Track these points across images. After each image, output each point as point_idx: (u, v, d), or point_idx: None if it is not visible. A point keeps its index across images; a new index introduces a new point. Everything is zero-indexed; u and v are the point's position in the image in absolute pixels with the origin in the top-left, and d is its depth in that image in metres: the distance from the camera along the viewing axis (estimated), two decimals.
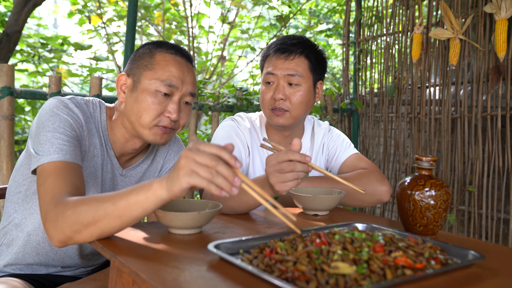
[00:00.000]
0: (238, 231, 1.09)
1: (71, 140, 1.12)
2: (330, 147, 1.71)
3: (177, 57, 1.24)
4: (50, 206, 0.97)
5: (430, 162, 1.12)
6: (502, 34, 2.46)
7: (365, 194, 1.49)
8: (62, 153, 1.07)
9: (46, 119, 1.12)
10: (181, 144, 1.48)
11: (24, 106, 4.11)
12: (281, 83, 1.56)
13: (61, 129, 1.11)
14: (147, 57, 1.23)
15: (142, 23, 5.18)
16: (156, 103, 1.19)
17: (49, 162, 1.05)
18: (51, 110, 1.14)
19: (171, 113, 1.21)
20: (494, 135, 2.69)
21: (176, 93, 1.22)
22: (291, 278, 0.73)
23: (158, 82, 1.19)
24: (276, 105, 1.55)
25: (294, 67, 1.55)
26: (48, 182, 1.02)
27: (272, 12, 5.30)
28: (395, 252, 0.81)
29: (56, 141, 1.09)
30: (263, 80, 1.61)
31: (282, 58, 1.56)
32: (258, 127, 1.69)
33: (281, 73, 1.55)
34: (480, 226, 2.83)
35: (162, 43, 1.27)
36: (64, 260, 1.29)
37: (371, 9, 3.57)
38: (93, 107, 1.27)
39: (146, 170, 1.39)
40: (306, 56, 1.58)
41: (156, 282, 0.73)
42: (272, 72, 1.57)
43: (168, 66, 1.21)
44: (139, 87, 1.21)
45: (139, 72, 1.22)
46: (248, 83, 5.33)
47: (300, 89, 1.56)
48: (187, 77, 1.24)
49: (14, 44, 3.91)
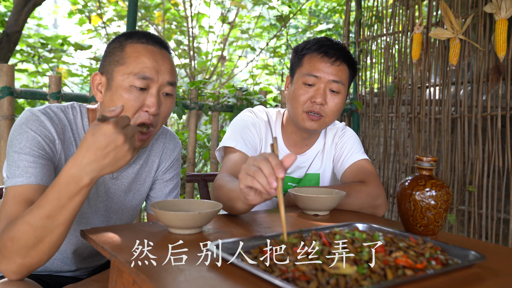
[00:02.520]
0: (238, 231, 1.09)
1: (38, 160, 1.08)
2: (339, 148, 1.66)
3: (148, 46, 1.15)
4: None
5: (430, 162, 1.11)
6: (502, 34, 2.46)
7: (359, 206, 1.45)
8: (27, 176, 1.05)
9: (14, 138, 1.09)
10: (177, 141, 1.42)
11: (24, 106, 4.10)
12: (323, 87, 1.50)
13: (27, 148, 1.07)
14: (117, 51, 1.15)
15: (142, 23, 5.17)
16: (132, 99, 1.11)
17: (12, 186, 1.04)
18: (20, 127, 1.09)
19: (150, 107, 1.12)
20: (494, 135, 2.69)
21: (152, 85, 1.13)
22: (292, 278, 0.73)
23: (131, 76, 1.11)
24: (313, 109, 1.50)
25: (339, 74, 1.50)
26: (4, 209, 1.02)
27: (272, 12, 5.30)
28: (396, 252, 0.81)
29: (21, 163, 1.06)
30: (299, 80, 1.53)
31: (328, 62, 1.50)
32: (274, 123, 1.65)
33: (326, 77, 1.49)
34: (480, 226, 2.83)
35: (132, 33, 1.17)
36: (62, 267, 1.29)
37: (371, 9, 3.57)
38: (73, 112, 1.21)
39: (140, 170, 1.33)
40: (349, 65, 1.54)
41: (156, 282, 0.73)
42: (315, 75, 1.50)
43: (140, 57, 1.12)
44: (113, 85, 1.13)
45: (111, 68, 1.14)
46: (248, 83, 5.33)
47: (339, 96, 1.52)
48: (162, 66, 1.15)
49: (14, 44, 3.91)
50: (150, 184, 1.37)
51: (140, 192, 1.35)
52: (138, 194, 1.35)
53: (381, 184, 1.52)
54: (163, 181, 1.39)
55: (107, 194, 1.28)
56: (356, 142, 1.66)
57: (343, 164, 1.62)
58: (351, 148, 1.64)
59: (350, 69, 1.55)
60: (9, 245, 0.92)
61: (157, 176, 1.38)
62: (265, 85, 5.88)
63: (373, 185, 1.49)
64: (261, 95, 3.03)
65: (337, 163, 1.65)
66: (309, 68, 1.51)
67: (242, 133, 1.55)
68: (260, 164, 0.94)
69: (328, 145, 1.68)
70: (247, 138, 1.54)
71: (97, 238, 0.96)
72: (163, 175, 1.38)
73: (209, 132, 3.35)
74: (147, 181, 1.36)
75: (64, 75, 4.75)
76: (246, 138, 1.54)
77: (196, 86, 2.80)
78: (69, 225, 0.94)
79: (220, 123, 3.44)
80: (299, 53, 1.56)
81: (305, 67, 1.52)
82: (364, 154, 1.63)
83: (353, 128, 3.67)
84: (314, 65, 1.51)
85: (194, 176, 1.84)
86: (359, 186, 1.48)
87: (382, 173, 3.46)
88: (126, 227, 1.08)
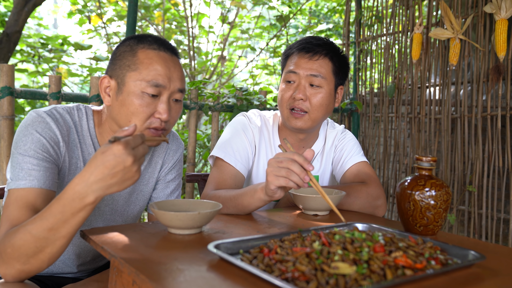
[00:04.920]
0: (238, 231, 1.09)
1: (42, 163, 1.08)
2: (338, 150, 1.66)
3: (160, 53, 1.16)
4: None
5: (430, 162, 1.11)
6: (502, 34, 2.46)
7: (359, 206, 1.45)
8: (29, 179, 1.05)
9: (19, 139, 1.09)
10: (180, 141, 1.43)
11: (24, 106, 4.10)
12: (303, 82, 1.51)
13: (32, 151, 1.07)
14: (128, 55, 1.15)
15: (142, 23, 5.18)
16: (144, 105, 1.12)
17: (14, 189, 1.04)
18: (26, 128, 1.10)
19: (161, 114, 1.14)
20: (494, 135, 2.69)
21: (164, 92, 1.15)
22: (291, 278, 0.73)
23: (144, 83, 1.12)
24: (295, 104, 1.51)
25: (317, 68, 1.51)
26: (6, 213, 1.02)
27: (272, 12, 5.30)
28: (395, 252, 0.81)
29: (25, 166, 1.06)
30: (283, 79, 1.56)
31: (306, 57, 1.51)
32: (271, 126, 1.65)
33: (304, 72, 1.50)
34: (480, 226, 2.83)
35: (142, 37, 1.18)
36: (64, 269, 1.29)
37: (371, 9, 3.57)
38: (79, 114, 1.21)
39: (143, 171, 1.33)
40: (331, 58, 1.53)
41: (156, 282, 0.73)
42: (294, 71, 1.52)
43: (153, 64, 1.13)
44: (124, 90, 1.13)
45: (122, 73, 1.14)
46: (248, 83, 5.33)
47: (321, 91, 1.51)
48: (174, 73, 1.17)
49: (14, 44, 3.91)
50: (153, 184, 1.37)
51: (143, 193, 1.35)
52: (141, 195, 1.35)
53: (381, 185, 1.52)
54: (165, 181, 1.39)
55: (112, 197, 1.28)
56: (355, 145, 1.66)
57: (342, 166, 1.63)
58: (350, 150, 1.64)
59: (335, 62, 1.54)
60: (9, 251, 0.93)
61: (159, 176, 1.38)
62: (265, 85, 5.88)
63: (374, 185, 1.49)
64: (261, 95, 3.03)
65: (337, 166, 1.65)
66: (289, 66, 1.54)
67: (232, 143, 1.55)
68: (288, 165, 1.09)
69: (327, 147, 1.68)
70: (238, 149, 1.54)
71: (96, 238, 0.96)
72: (165, 175, 1.39)
73: (209, 132, 3.35)
74: (150, 181, 1.36)
75: (64, 75, 4.75)
76: (237, 149, 1.54)
77: (196, 86, 2.80)
78: (70, 238, 0.94)
79: (220, 123, 3.44)
80: (285, 54, 1.60)
81: (287, 66, 1.56)
82: (364, 157, 1.63)
83: (353, 128, 3.67)
84: (294, 62, 1.53)
85: (194, 176, 1.84)
86: (359, 186, 1.48)
87: (382, 173, 3.45)
88: (126, 227, 1.08)
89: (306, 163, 1.08)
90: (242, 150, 1.55)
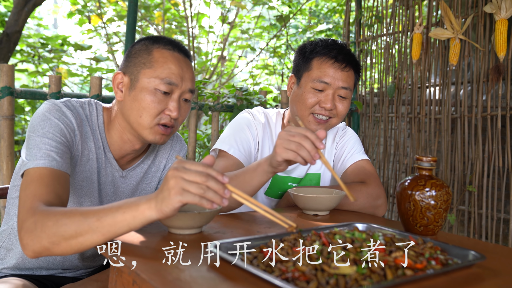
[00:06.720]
0: (238, 231, 1.09)
1: (60, 147, 1.09)
2: (339, 147, 1.67)
3: (175, 53, 1.21)
4: (28, 214, 0.94)
5: (430, 162, 1.11)
6: (502, 34, 2.46)
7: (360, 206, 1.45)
8: (49, 159, 1.05)
9: (37, 124, 1.10)
10: (183, 143, 1.45)
11: (24, 106, 4.10)
12: (332, 93, 1.50)
13: (51, 134, 1.09)
14: (144, 54, 1.19)
15: (142, 23, 5.18)
16: (156, 101, 1.16)
17: (34, 168, 1.03)
18: (43, 114, 1.12)
19: (172, 111, 1.18)
20: (494, 135, 2.69)
21: (175, 90, 1.19)
22: (291, 278, 0.73)
23: (158, 80, 1.16)
24: (319, 112, 1.50)
25: (347, 80, 1.51)
26: (30, 189, 1.00)
27: (272, 12, 5.31)
28: (396, 252, 0.81)
29: (44, 146, 1.06)
30: (308, 84, 1.51)
31: (338, 68, 1.50)
32: (274, 123, 1.65)
33: (336, 84, 1.49)
34: (480, 226, 2.83)
35: (158, 38, 1.23)
36: (64, 264, 1.29)
37: (371, 9, 3.57)
38: (90, 108, 1.24)
39: (147, 170, 1.36)
40: (355, 70, 1.55)
41: (156, 282, 0.73)
42: (326, 81, 1.49)
43: (167, 63, 1.18)
44: (138, 86, 1.17)
45: (137, 70, 1.19)
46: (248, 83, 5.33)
47: (347, 101, 1.53)
48: (186, 74, 1.21)
49: (14, 44, 3.91)
50: (156, 184, 1.39)
51: (146, 191, 1.37)
52: (144, 193, 1.36)
53: (381, 185, 1.52)
54: None
55: (116, 193, 1.30)
56: (356, 142, 1.66)
57: (343, 164, 1.63)
58: (351, 148, 1.64)
59: (356, 73, 1.56)
60: (50, 224, 0.90)
61: (162, 176, 1.39)
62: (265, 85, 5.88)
63: (374, 185, 1.49)
64: (261, 95, 3.03)
65: (338, 163, 1.66)
66: (319, 74, 1.50)
67: (236, 137, 1.56)
68: (300, 140, 1.05)
69: (328, 144, 1.68)
70: (241, 142, 1.55)
71: None
72: None
73: (209, 132, 3.35)
74: (153, 180, 1.38)
75: (64, 75, 4.75)
76: (240, 142, 1.55)
77: (196, 86, 2.80)
78: (105, 240, 0.91)
79: (220, 123, 3.44)
80: (307, 56, 1.54)
81: (315, 72, 1.51)
82: (365, 155, 1.64)
83: (353, 128, 3.67)
84: (325, 71, 1.50)
85: None
86: (359, 186, 1.48)
87: (382, 173, 3.46)
88: None
89: (318, 141, 1.05)
90: (246, 145, 1.56)
